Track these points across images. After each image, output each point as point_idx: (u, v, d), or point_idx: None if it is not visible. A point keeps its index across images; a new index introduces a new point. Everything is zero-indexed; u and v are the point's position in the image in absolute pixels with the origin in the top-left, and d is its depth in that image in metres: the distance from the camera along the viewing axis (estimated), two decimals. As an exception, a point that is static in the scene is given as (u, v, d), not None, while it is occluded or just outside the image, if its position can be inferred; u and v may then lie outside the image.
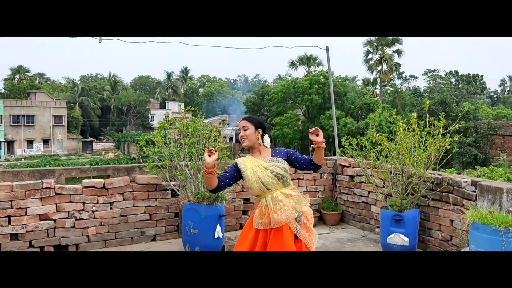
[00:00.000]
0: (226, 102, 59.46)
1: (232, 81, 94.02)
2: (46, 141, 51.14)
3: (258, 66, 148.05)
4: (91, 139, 57.17)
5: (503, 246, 3.81)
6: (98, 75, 71.28)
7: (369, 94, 39.81)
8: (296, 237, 3.22)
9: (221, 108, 59.61)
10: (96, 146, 55.36)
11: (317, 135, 3.12)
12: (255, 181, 3.26)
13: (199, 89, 73.09)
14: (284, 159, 3.34)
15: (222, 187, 3.35)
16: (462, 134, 5.35)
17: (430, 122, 5.30)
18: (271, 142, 3.45)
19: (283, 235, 3.17)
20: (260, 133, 3.37)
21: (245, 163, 3.34)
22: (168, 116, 5.75)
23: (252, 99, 41.73)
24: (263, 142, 3.39)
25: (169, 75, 69.47)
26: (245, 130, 3.36)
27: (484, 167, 14.32)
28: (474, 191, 4.88)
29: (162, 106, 64.23)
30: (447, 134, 5.24)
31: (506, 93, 74.71)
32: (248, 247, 3.26)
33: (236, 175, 3.37)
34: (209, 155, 3.11)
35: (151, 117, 61.38)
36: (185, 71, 71.33)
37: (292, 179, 3.83)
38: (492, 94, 76.46)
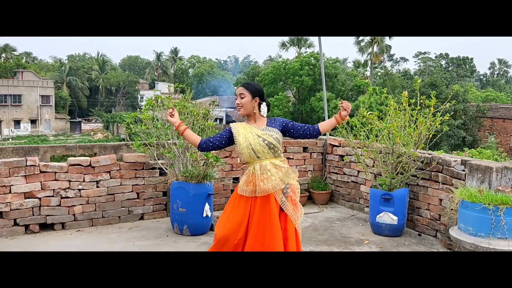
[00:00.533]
0: (216, 83, 59.06)
1: (222, 62, 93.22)
2: (33, 121, 50.40)
3: (249, 47, 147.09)
4: (80, 119, 56.49)
5: (491, 225, 3.81)
6: (86, 55, 70.13)
7: (360, 76, 39.77)
8: (281, 209, 3.20)
9: (211, 89, 59.20)
10: (85, 126, 54.73)
11: (345, 109, 3.19)
12: (245, 147, 3.22)
13: (189, 70, 72.33)
14: (279, 129, 3.30)
15: (211, 146, 3.34)
16: (452, 114, 5.31)
17: (421, 101, 5.26)
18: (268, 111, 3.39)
19: (270, 205, 3.14)
20: (257, 101, 3.30)
21: (238, 128, 3.30)
22: (155, 96, 5.63)
23: (242, 81, 41.49)
24: (259, 111, 3.32)
25: (158, 56, 68.57)
26: (241, 98, 3.29)
27: (472, 149, 14.45)
28: (464, 170, 4.87)
29: (152, 87, 63.50)
30: (438, 113, 5.21)
31: (495, 76, 75.17)
32: (235, 215, 3.24)
33: (228, 137, 3.33)
34: (171, 116, 3.30)
35: (140, 97, 60.74)
36: (174, 51, 70.45)
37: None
38: (482, 77, 76.89)
